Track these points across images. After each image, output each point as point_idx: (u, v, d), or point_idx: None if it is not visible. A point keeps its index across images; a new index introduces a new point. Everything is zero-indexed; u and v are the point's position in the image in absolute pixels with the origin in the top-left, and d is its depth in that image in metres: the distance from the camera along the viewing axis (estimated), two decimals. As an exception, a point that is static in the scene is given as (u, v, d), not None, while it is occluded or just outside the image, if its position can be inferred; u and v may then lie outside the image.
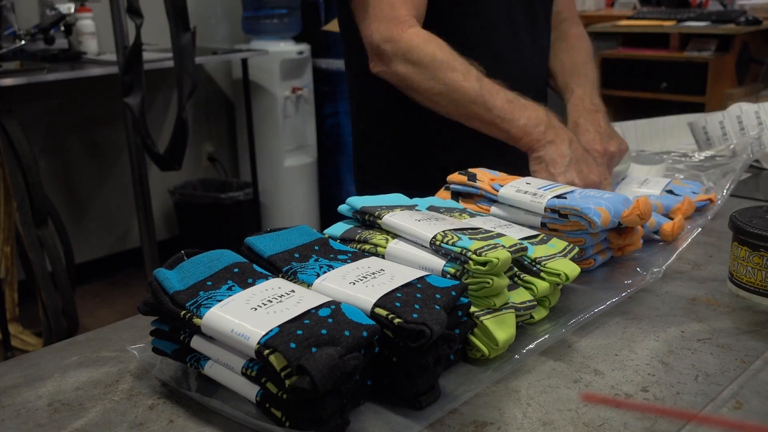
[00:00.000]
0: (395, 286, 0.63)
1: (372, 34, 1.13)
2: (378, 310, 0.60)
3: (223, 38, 3.79)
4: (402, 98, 1.18)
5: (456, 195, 0.96)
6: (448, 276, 0.69)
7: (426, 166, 1.30)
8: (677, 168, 1.26)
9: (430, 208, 0.88)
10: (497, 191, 0.90)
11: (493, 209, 0.91)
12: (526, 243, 0.75)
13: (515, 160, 1.09)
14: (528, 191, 0.88)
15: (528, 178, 0.94)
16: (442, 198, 0.95)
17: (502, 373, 0.66)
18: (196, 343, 0.62)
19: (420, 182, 1.07)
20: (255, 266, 0.68)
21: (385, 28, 1.11)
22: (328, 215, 3.81)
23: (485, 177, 0.94)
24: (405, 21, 1.12)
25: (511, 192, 0.89)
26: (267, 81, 3.52)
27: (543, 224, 0.87)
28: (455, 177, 0.95)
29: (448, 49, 1.11)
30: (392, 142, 1.33)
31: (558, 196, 0.86)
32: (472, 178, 0.94)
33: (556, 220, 0.85)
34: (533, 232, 0.83)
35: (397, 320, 0.58)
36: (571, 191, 0.88)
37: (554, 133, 1.06)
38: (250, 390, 0.58)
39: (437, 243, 0.71)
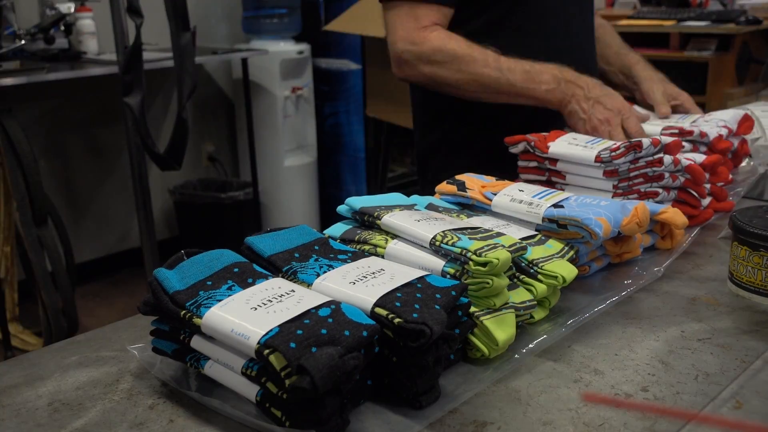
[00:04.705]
0: (395, 286, 0.63)
1: (396, 42, 1.24)
2: (378, 310, 0.60)
3: (223, 38, 3.79)
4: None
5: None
6: (448, 276, 0.69)
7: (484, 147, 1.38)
8: None
9: (429, 207, 0.88)
10: (490, 200, 0.88)
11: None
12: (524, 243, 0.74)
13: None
14: (523, 200, 0.85)
15: (520, 184, 0.91)
16: (444, 191, 0.93)
17: (502, 373, 0.66)
18: (196, 342, 0.62)
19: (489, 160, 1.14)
20: (255, 266, 0.68)
21: (407, 36, 1.23)
22: (328, 215, 3.81)
23: (475, 185, 0.92)
24: (427, 27, 1.23)
25: (505, 201, 0.87)
26: (267, 81, 3.52)
27: (537, 230, 0.84)
28: (444, 187, 0.93)
29: (466, 43, 1.22)
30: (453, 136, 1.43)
31: (555, 205, 0.84)
32: (462, 186, 0.92)
33: (553, 230, 0.83)
34: (531, 232, 0.82)
35: (397, 320, 0.58)
36: (567, 198, 0.86)
37: (572, 87, 1.17)
38: (250, 390, 0.58)
39: (437, 243, 0.71)
